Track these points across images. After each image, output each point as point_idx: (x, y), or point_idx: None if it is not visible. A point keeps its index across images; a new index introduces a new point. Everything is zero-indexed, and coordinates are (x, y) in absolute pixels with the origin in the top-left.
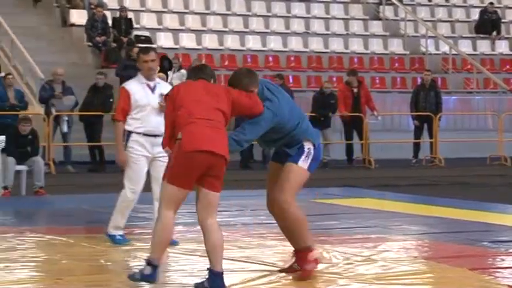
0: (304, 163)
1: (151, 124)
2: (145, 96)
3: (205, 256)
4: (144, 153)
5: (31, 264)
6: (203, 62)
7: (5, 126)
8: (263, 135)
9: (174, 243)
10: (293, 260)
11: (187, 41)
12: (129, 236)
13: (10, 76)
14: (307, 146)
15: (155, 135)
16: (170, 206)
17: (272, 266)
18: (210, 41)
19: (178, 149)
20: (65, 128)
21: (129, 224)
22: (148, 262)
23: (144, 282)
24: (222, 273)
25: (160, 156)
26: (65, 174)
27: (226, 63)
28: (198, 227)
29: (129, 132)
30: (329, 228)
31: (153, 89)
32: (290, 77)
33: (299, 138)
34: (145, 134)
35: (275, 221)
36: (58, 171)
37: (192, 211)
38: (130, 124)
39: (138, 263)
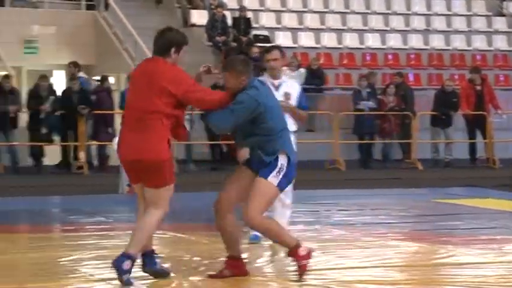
0: (274, 179)
1: None
2: None
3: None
4: None
5: None
6: (321, 61)
7: None
8: (242, 123)
9: (256, 239)
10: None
11: (306, 39)
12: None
13: None
14: (281, 160)
15: None
16: (138, 201)
17: (393, 266)
18: (328, 40)
19: None
20: (187, 127)
21: None
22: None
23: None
24: (130, 255)
25: None
26: (186, 173)
27: (345, 61)
28: (318, 226)
29: None
30: (452, 229)
31: (277, 88)
32: (410, 75)
33: (277, 146)
34: None
35: (393, 221)
36: (179, 169)
37: (312, 210)
38: None
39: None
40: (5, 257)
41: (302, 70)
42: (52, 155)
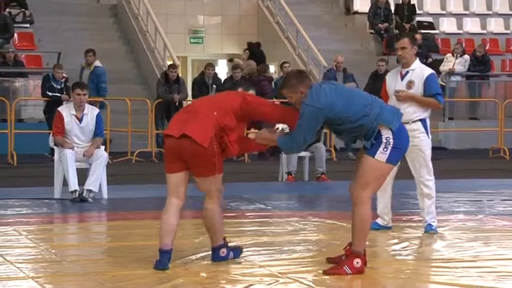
0: (382, 155)
1: None
2: (393, 84)
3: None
4: None
5: (312, 247)
6: (486, 47)
7: None
8: (332, 127)
9: (432, 230)
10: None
11: (472, 25)
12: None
13: (287, 65)
14: (385, 134)
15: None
16: (169, 192)
17: None
18: (495, 25)
19: None
20: None
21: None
22: (159, 249)
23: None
24: (219, 246)
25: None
26: (345, 161)
27: None
28: (480, 216)
29: None
30: None
31: (403, 77)
32: None
33: (372, 126)
34: None
35: None
36: (339, 157)
37: (474, 199)
38: None
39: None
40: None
41: (466, 56)
42: None
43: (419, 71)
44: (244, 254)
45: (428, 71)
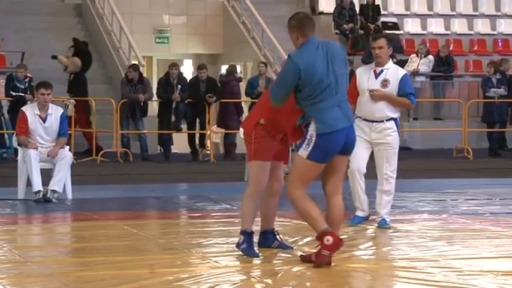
0: (303, 151)
1: (367, 109)
2: (366, 81)
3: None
4: (364, 137)
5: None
6: (450, 48)
7: None
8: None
9: (386, 224)
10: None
11: (436, 26)
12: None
13: (261, 65)
14: (311, 131)
15: (372, 121)
16: None
17: None
18: (459, 26)
19: None
20: None
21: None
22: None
23: None
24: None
25: (379, 143)
26: None
27: (476, 48)
28: (444, 215)
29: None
30: None
31: (377, 76)
32: None
33: (309, 112)
34: (363, 119)
35: None
36: None
37: (438, 199)
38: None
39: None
40: (136, 242)
41: (431, 57)
42: (179, 143)
43: (394, 70)
44: (210, 254)
45: (403, 71)
